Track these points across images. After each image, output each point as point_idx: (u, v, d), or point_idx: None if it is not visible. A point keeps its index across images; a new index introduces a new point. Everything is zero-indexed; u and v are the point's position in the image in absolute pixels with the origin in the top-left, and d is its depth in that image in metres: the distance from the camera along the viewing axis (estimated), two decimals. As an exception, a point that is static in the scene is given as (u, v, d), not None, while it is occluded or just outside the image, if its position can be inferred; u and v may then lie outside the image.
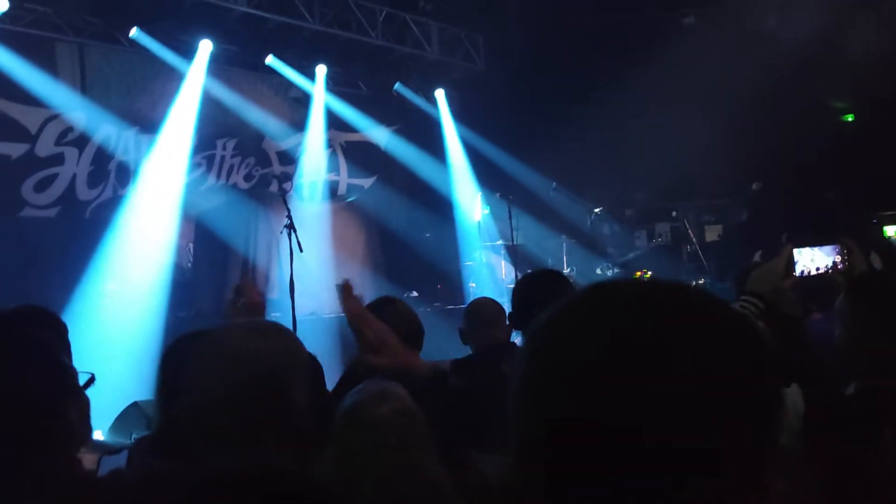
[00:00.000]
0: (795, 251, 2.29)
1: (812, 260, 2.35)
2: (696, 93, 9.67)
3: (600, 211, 9.91)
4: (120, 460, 1.96)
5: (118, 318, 7.56)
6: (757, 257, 8.74)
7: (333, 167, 10.59)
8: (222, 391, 1.32)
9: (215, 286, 9.06)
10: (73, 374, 1.58)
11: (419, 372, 2.03)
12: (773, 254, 2.36)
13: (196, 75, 8.84)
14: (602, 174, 9.92)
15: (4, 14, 7.53)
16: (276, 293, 8.51)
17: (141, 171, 8.66)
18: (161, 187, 8.62)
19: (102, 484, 1.59)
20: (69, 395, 1.55)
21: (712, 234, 11.71)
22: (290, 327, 6.41)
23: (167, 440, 1.61)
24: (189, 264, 8.93)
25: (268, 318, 2.72)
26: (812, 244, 2.36)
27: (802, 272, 2.28)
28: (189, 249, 8.91)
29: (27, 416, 1.45)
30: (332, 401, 2.02)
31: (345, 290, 2.23)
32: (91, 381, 1.65)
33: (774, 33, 9.73)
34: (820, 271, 2.28)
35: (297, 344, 1.45)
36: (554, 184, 9.73)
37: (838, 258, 2.40)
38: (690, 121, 9.52)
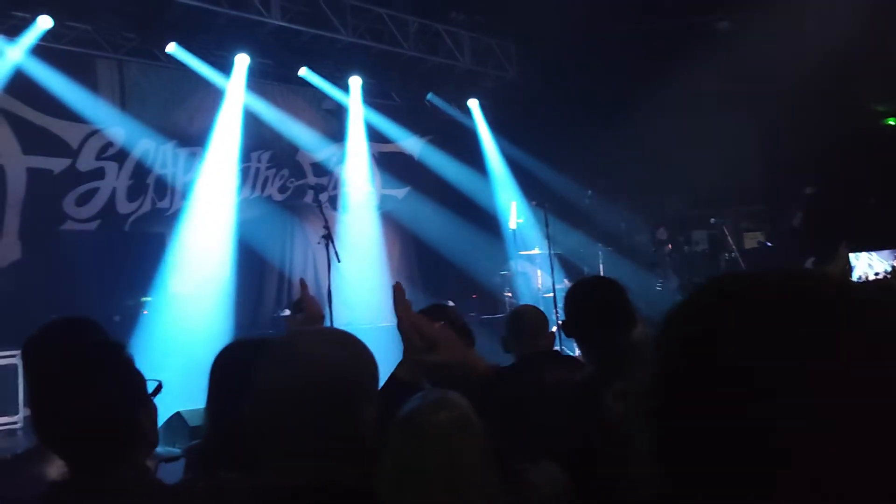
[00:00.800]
0: (852, 256, 2.23)
1: (869, 265, 2.28)
2: (732, 98, 9.54)
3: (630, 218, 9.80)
4: (177, 468, 1.96)
5: (159, 328, 7.65)
6: (808, 264, 8.57)
7: (370, 178, 10.64)
8: (294, 402, 1.28)
9: (252, 297, 9.12)
10: (144, 381, 1.60)
11: (480, 370, 1.99)
12: (826, 260, 2.29)
13: (236, 89, 8.97)
14: (638, 181, 9.82)
15: (47, 32, 7.71)
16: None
17: (194, 186, 8.82)
18: (214, 202, 8.77)
19: (177, 492, 1.59)
20: (142, 401, 1.56)
21: (751, 240, 11.51)
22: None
23: (228, 449, 1.60)
24: (228, 276, 9.00)
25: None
26: (869, 249, 2.29)
27: (860, 278, 2.21)
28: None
29: (106, 421, 1.47)
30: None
31: (397, 292, 2.19)
32: (159, 388, 1.66)
33: (813, 37, 9.56)
34: (878, 276, 2.21)
35: (369, 353, 1.41)
36: (589, 191, 9.64)
37: (896, 262, 2.33)
38: (727, 126, 9.39)
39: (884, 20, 9.61)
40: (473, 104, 11.10)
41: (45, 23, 7.61)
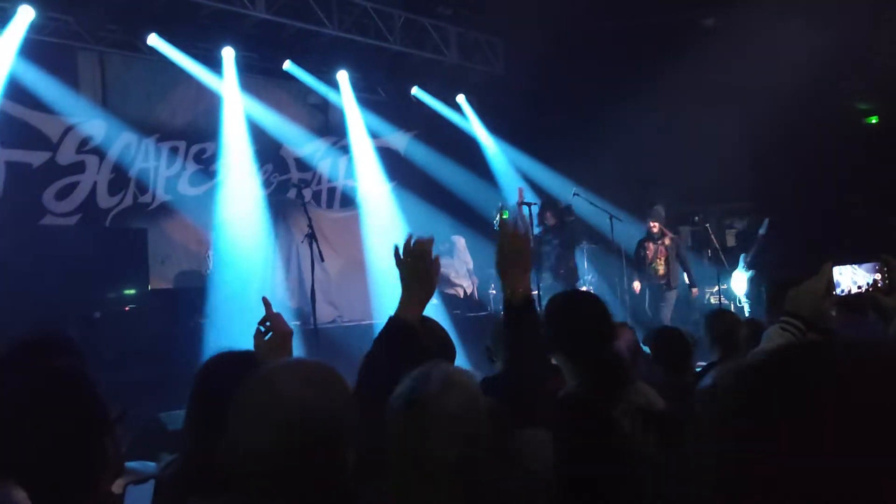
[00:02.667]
0: (836, 270, 2.22)
1: (853, 280, 2.28)
2: (718, 95, 9.55)
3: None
4: (146, 488, 1.92)
5: (140, 326, 7.57)
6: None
7: (352, 173, 10.58)
8: (274, 440, 1.26)
9: (234, 294, 9.03)
10: (108, 408, 1.57)
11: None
12: (797, 268, 2.29)
13: (230, 84, 8.95)
14: (623, 178, 9.81)
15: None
16: (297, 301, 8.48)
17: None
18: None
19: None
20: (105, 428, 1.54)
21: (733, 238, 11.57)
22: (312, 336, 6.39)
23: (201, 475, 1.58)
24: (208, 272, 8.92)
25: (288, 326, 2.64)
26: (852, 262, 2.29)
27: (843, 292, 2.21)
28: (208, 257, 8.91)
29: (67, 450, 1.45)
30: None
31: (410, 240, 2.23)
32: (123, 415, 1.63)
33: (797, 35, 9.58)
34: (861, 289, 2.21)
35: (348, 391, 1.38)
36: (574, 188, 9.62)
37: (878, 276, 2.33)
38: (714, 123, 9.41)
39: (866, 19, 9.65)
40: (461, 100, 11.05)
41: (27, 14, 7.47)
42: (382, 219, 10.29)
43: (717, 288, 10.51)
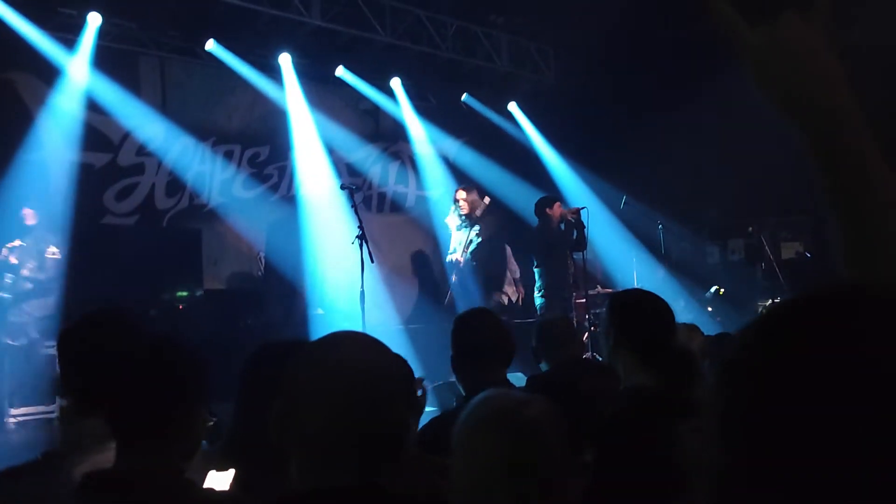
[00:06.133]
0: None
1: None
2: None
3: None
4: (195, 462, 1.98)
5: (192, 324, 7.73)
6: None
7: (402, 179, 10.68)
8: (336, 408, 1.26)
9: (284, 295, 9.18)
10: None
11: None
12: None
13: (293, 90, 9.20)
14: (675, 188, 9.69)
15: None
16: (345, 303, 8.57)
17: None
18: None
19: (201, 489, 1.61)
20: (204, 400, 1.60)
21: (789, 251, 11.29)
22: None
23: (246, 448, 1.62)
24: (259, 273, 9.08)
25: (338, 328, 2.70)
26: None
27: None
28: (260, 259, 9.07)
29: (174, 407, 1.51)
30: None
31: None
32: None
33: (855, 43, 9.32)
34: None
35: (403, 360, 1.42)
36: (624, 197, 9.54)
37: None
38: (769, 133, 9.21)
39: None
40: (513, 107, 11.07)
41: (95, 21, 7.75)
42: (427, 224, 10.40)
43: (770, 302, 10.27)
